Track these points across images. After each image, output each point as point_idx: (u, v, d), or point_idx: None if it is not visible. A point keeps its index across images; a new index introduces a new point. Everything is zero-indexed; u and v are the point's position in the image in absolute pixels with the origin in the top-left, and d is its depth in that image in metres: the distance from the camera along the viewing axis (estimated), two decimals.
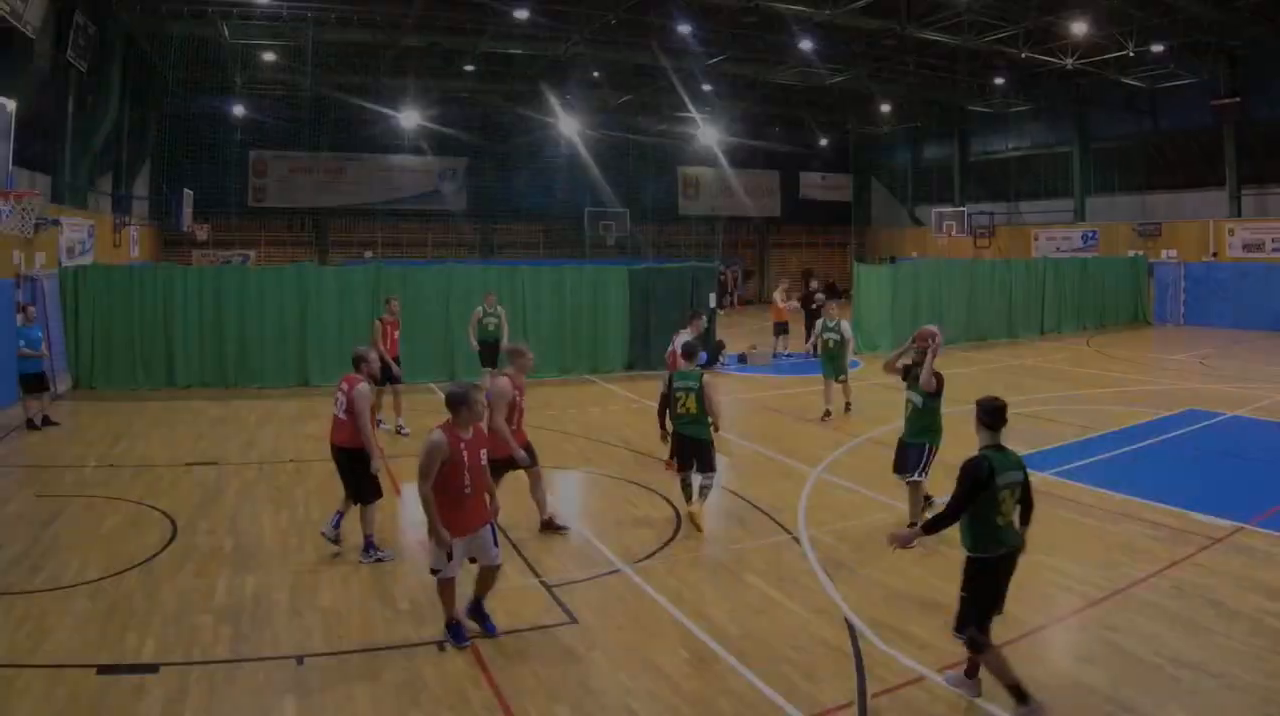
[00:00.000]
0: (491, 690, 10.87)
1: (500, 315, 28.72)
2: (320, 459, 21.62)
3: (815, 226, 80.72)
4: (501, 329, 28.47)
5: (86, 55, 39.23)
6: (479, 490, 11.98)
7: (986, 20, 44.61)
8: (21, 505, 18.17)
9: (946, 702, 10.53)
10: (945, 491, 12.01)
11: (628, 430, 25.04)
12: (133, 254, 48.38)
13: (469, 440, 11.85)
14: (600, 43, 49.50)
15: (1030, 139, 67.04)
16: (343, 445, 15.42)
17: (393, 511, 18.09)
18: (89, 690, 10.66)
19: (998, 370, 36.31)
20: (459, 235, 70.17)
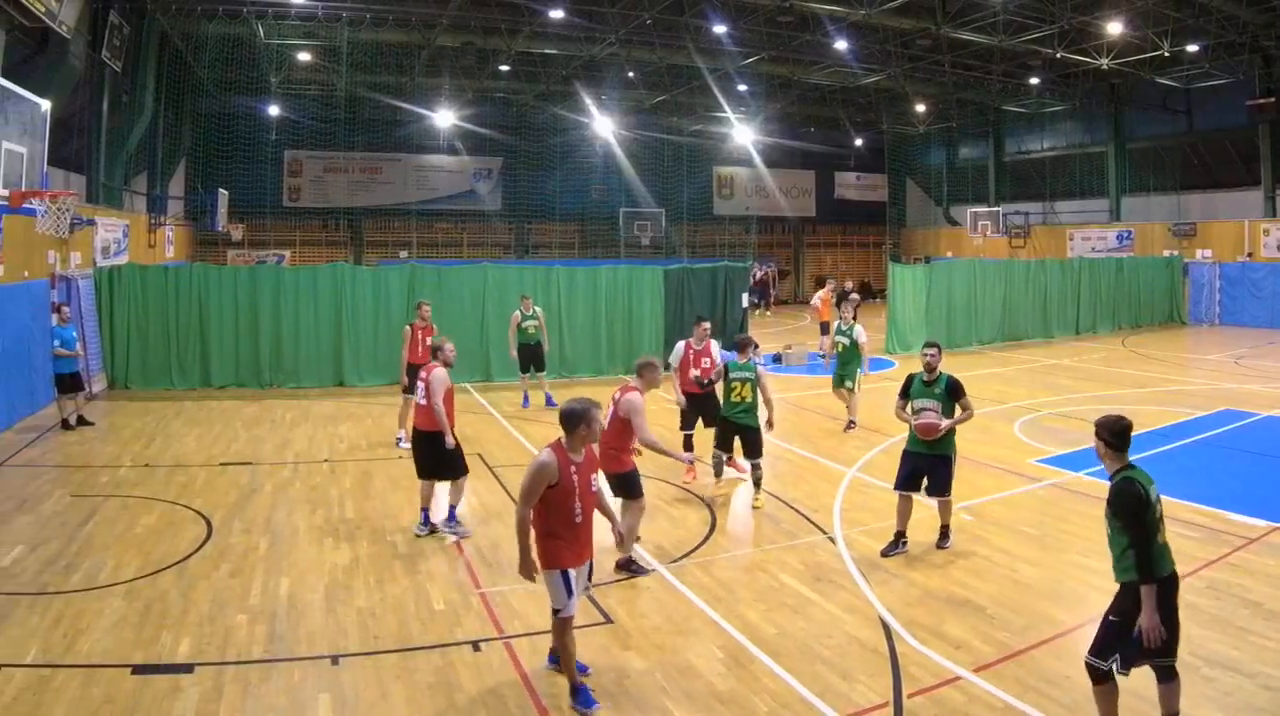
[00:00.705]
0: (526, 690, 10.87)
1: (539, 318, 28.72)
2: (355, 458, 21.73)
3: (850, 226, 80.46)
4: (541, 332, 28.60)
5: (121, 55, 39.37)
6: (589, 518, 11.00)
7: (1021, 20, 44.47)
8: (57, 505, 18.20)
9: (983, 703, 10.46)
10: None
11: (662, 429, 24.92)
12: (168, 254, 48.56)
13: (580, 464, 10.86)
14: (635, 43, 49.52)
15: (1065, 139, 66.79)
16: (422, 428, 16.53)
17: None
18: (124, 690, 10.66)
19: (1033, 370, 36.21)
20: (494, 235, 70.37)
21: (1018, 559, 14.93)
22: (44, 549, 15.40)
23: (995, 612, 12.91)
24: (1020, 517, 17.37)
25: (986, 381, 33.09)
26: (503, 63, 55.06)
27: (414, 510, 17.56)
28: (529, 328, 28.60)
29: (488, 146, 68.02)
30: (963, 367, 34.90)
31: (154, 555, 15.18)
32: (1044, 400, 29.42)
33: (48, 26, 29.81)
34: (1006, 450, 22.75)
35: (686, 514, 17.75)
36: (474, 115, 63.37)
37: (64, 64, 32.33)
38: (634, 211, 70.16)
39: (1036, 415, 27.01)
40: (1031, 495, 18.91)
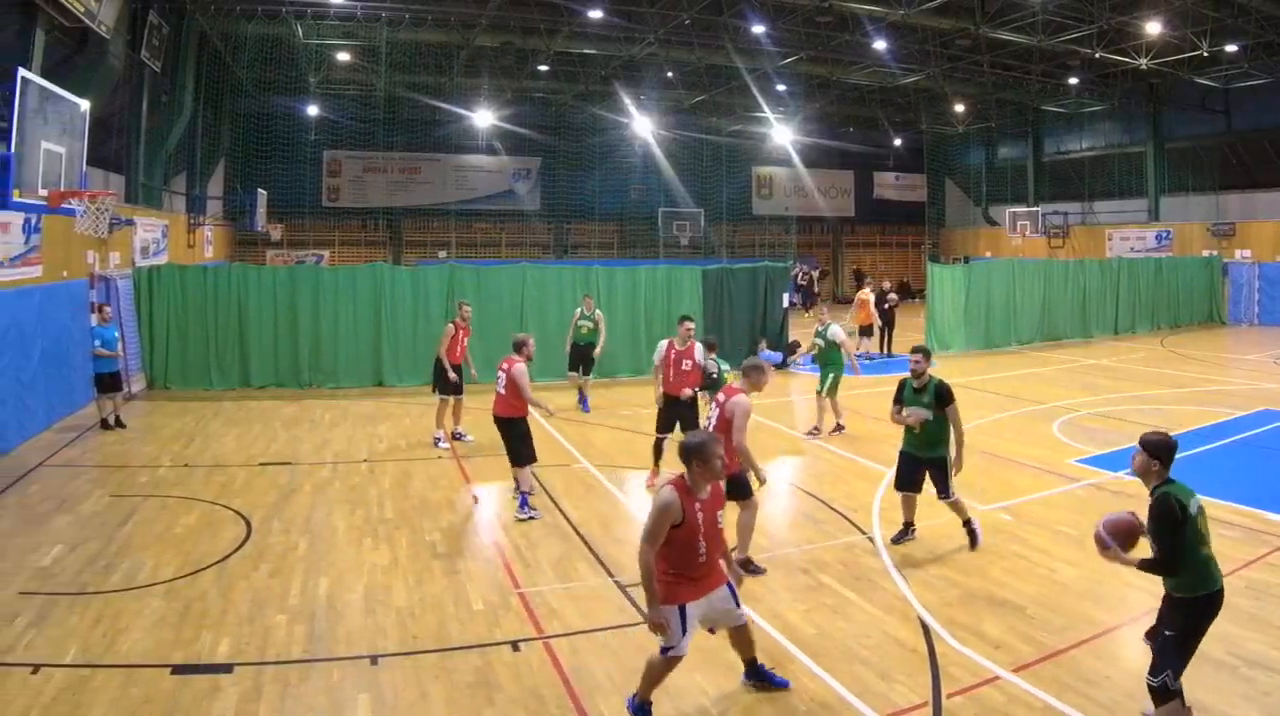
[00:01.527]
0: (565, 689, 10.85)
1: (597, 319, 28.60)
2: (394, 458, 21.78)
3: (889, 226, 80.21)
4: (598, 333, 28.46)
5: (160, 55, 39.51)
6: (714, 554, 10.35)
7: (1060, 20, 44.30)
8: (96, 505, 18.26)
9: (1022, 703, 10.40)
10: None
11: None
12: (207, 254, 48.73)
13: (705, 501, 10.12)
14: (674, 43, 49.45)
15: (1104, 139, 66.55)
16: (500, 415, 18.38)
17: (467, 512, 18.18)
18: (163, 690, 10.70)
19: (1072, 370, 36.08)
20: (533, 235, 70.52)
21: (1057, 559, 14.89)
22: (83, 549, 15.46)
23: (1034, 612, 12.86)
24: (1059, 517, 17.29)
25: (1025, 381, 33.06)
26: (542, 63, 55.14)
27: (452, 511, 18.13)
28: (583, 327, 28.54)
29: (526, 146, 68.08)
30: (1001, 367, 35.00)
31: (193, 555, 15.23)
32: (1083, 400, 29.31)
33: (87, 26, 29.88)
34: (1045, 450, 22.68)
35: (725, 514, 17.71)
36: (513, 115, 63.45)
37: (103, 64, 32.41)
38: (673, 211, 70.12)
39: (1075, 415, 26.90)
40: (1070, 495, 18.84)
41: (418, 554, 15.53)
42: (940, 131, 75.27)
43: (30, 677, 10.87)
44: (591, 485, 19.99)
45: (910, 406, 15.42)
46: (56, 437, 24.13)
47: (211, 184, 54.39)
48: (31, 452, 22.42)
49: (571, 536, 16.52)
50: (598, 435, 23.82)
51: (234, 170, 58.99)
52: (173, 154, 44.44)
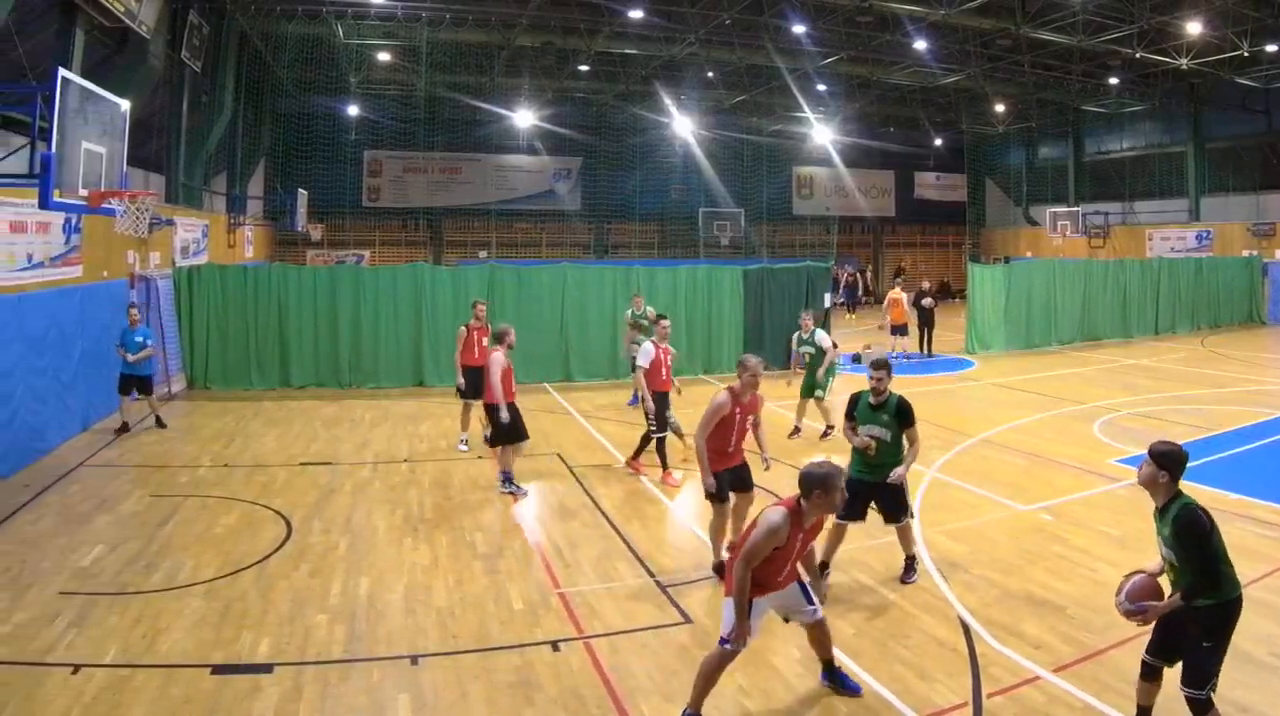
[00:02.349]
0: (606, 690, 10.84)
1: (650, 317, 28.15)
2: (434, 458, 21.81)
3: (929, 226, 79.83)
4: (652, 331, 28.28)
5: (201, 55, 39.69)
6: (794, 572, 10.49)
7: (1100, 20, 44.09)
8: (136, 505, 18.32)
9: (1062, 703, 10.38)
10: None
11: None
12: (247, 254, 48.87)
13: (808, 530, 10.22)
14: (714, 43, 49.37)
15: (1144, 139, 66.19)
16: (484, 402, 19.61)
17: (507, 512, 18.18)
18: (204, 690, 10.73)
19: (1112, 370, 35.91)
20: (573, 235, 70.42)
21: (1097, 559, 14.81)
22: (123, 549, 15.51)
23: (1075, 612, 12.81)
24: (1100, 517, 17.21)
25: (1066, 381, 32.93)
26: (582, 63, 55.22)
27: (494, 511, 18.12)
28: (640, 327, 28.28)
29: (567, 146, 68.06)
30: (1042, 368, 34.92)
31: (233, 555, 15.27)
32: (1123, 400, 29.17)
33: (127, 26, 29.99)
34: (1086, 450, 22.58)
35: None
36: (553, 115, 63.50)
37: (143, 64, 32.52)
38: (713, 211, 70.06)
39: (1116, 415, 26.76)
40: (1111, 495, 18.73)
41: (458, 553, 15.53)
42: (981, 131, 74.97)
43: (71, 677, 10.90)
44: (631, 485, 19.97)
45: (866, 424, 14.37)
46: (96, 438, 24.21)
47: (252, 184, 54.69)
48: (72, 452, 22.53)
49: (612, 536, 16.52)
50: (637, 435, 23.81)
51: (274, 170, 59.31)
52: (213, 154, 44.66)
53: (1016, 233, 76.33)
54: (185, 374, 31.46)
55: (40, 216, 22.14)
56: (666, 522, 17.37)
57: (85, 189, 17.66)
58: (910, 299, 40.04)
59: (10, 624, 12.39)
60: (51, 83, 16.24)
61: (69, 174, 16.93)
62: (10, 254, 21.22)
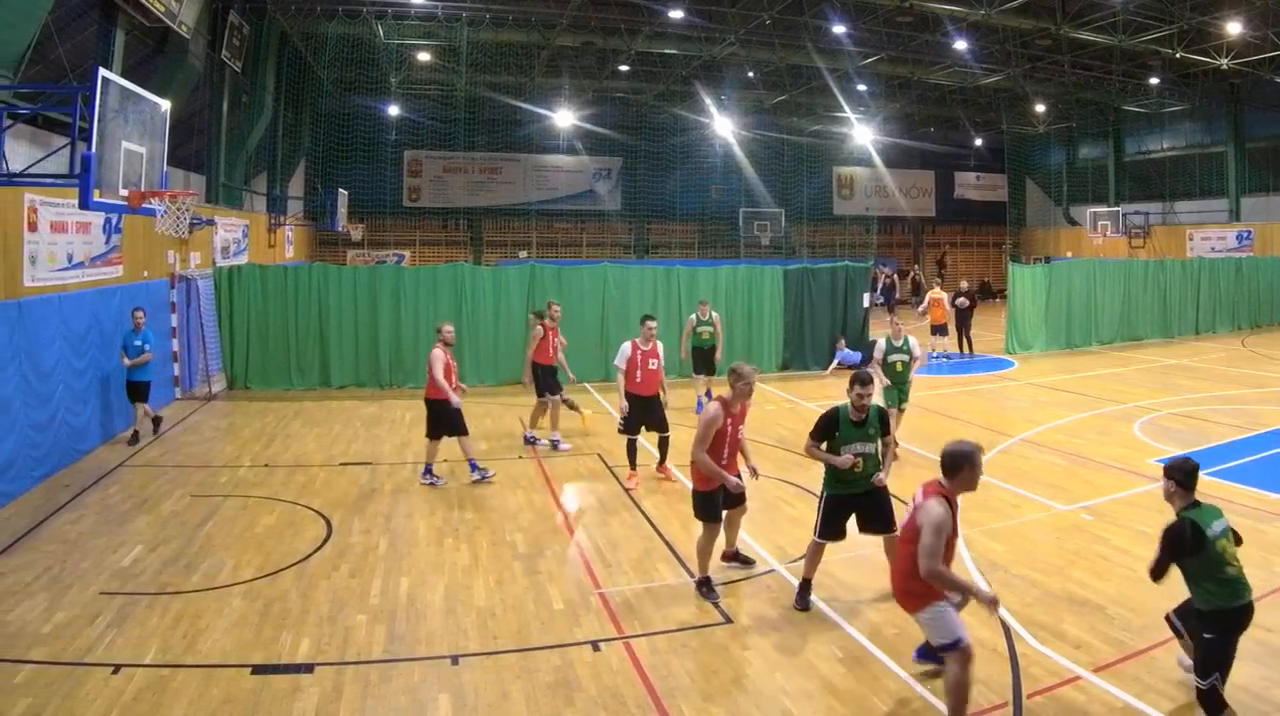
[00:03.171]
0: (646, 690, 10.85)
1: (715, 323, 28.53)
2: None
3: (970, 226, 79.44)
4: (716, 337, 28.40)
5: (241, 55, 39.87)
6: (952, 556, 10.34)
7: (1141, 20, 43.95)
8: (176, 504, 18.41)
9: (1102, 703, 10.36)
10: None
11: (781, 429, 24.91)
12: (287, 254, 49.04)
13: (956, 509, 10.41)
14: (755, 43, 49.39)
15: (1185, 139, 65.86)
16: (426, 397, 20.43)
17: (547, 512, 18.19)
18: (244, 690, 10.77)
19: (1152, 370, 35.71)
20: (613, 235, 70.74)
21: (1137, 558, 14.56)
22: (164, 549, 15.60)
23: (1115, 612, 12.78)
24: (1140, 517, 17.10)
25: (1106, 381, 32.77)
26: (622, 63, 55.34)
27: (534, 511, 18.10)
28: (703, 333, 28.47)
29: (607, 146, 68.26)
30: (1082, 368, 34.83)
31: (274, 555, 15.34)
32: (1163, 400, 29.02)
33: (167, 27, 30.14)
34: (1126, 450, 22.48)
35: (806, 513, 17.53)
36: (593, 115, 63.64)
37: (184, 64, 32.66)
38: (753, 211, 70.14)
39: (1156, 415, 26.63)
40: (1151, 495, 18.50)
41: (498, 554, 15.55)
42: (1021, 131, 74.66)
43: (111, 677, 10.96)
44: (671, 485, 19.96)
45: (851, 442, 13.19)
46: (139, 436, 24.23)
47: (292, 184, 54.90)
48: (112, 453, 22.63)
49: (652, 536, 16.53)
50: (676, 435, 23.77)
51: (314, 170, 59.40)
52: (253, 154, 44.79)
53: (1057, 232, 76.00)
54: (225, 374, 31.59)
55: (81, 216, 22.22)
56: None
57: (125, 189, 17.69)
58: (949, 298, 39.90)
59: (51, 624, 12.47)
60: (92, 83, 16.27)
61: (109, 174, 16.96)
62: (51, 254, 21.31)
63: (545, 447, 23.41)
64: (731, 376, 14.06)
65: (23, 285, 19.84)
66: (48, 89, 23.88)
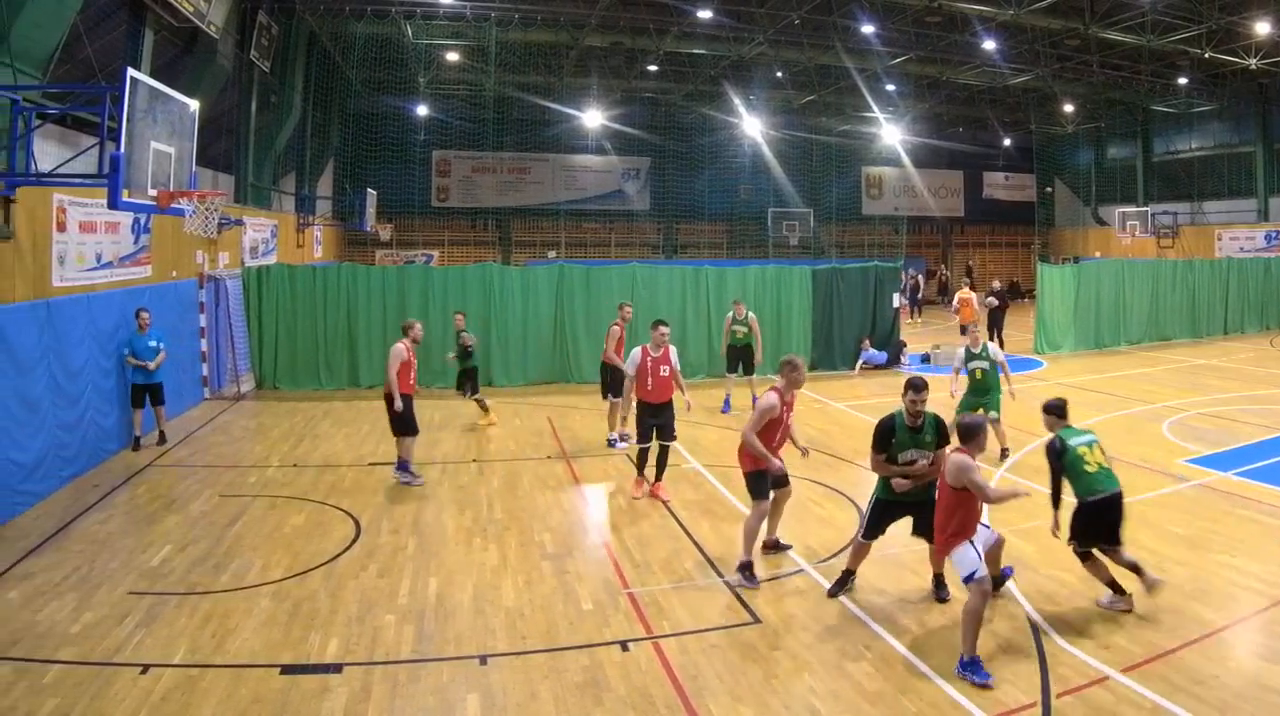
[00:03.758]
0: (675, 690, 10.86)
1: (750, 323, 28.44)
2: (502, 458, 21.82)
3: (998, 226, 79.30)
4: (753, 336, 28.30)
5: (270, 55, 39.93)
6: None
7: (1169, 20, 43.81)
8: (205, 505, 18.48)
9: (1131, 703, 10.34)
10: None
11: (811, 429, 24.80)
12: (316, 253, 49.14)
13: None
14: (783, 43, 49.35)
15: (1213, 139, 65.56)
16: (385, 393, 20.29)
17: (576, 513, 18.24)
18: (272, 690, 10.81)
19: (1181, 370, 35.58)
20: (642, 235, 70.81)
21: (1166, 558, 14.73)
22: (192, 549, 15.66)
23: (1143, 612, 12.75)
24: (1168, 517, 17.16)
25: (1135, 381, 32.67)
26: (651, 63, 55.27)
27: (562, 511, 18.24)
28: (738, 332, 28.45)
29: (636, 146, 68.32)
30: (1111, 368, 34.72)
31: (302, 555, 15.38)
32: (1192, 400, 28.93)
33: (196, 26, 30.20)
34: (1155, 450, 22.42)
35: (834, 513, 17.66)
36: (622, 115, 63.65)
37: (212, 64, 32.75)
38: (782, 211, 70.12)
39: (1184, 415, 26.56)
40: (1179, 495, 18.64)
41: (527, 554, 15.57)
42: (1049, 131, 74.49)
43: (140, 677, 11.01)
44: (700, 485, 19.98)
45: (907, 449, 13.36)
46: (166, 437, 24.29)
47: (321, 184, 55.11)
48: (140, 452, 22.67)
49: (680, 536, 16.54)
50: (705, 435, 23.77)
51: (343, 170, 59.68)
52: (282, 154, 44.91)
53: (1085, 232, 75.78)
54: (254, 374, 31.65)
55: (109, 216, 22.28)
56: (735, 523, 17.17)
57: (154, 189, 17.72)
58: (980, 299, 39.85)
59: (79, 624, 12.52)
60: (121, 83, 16.29)
61: (138, 174, 16.99)
62: (80, 254, 21.37)
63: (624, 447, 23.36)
64: (788, 368, 14.91)
65: (51, 285, 19.90)
66: (76, 89, 23.93)
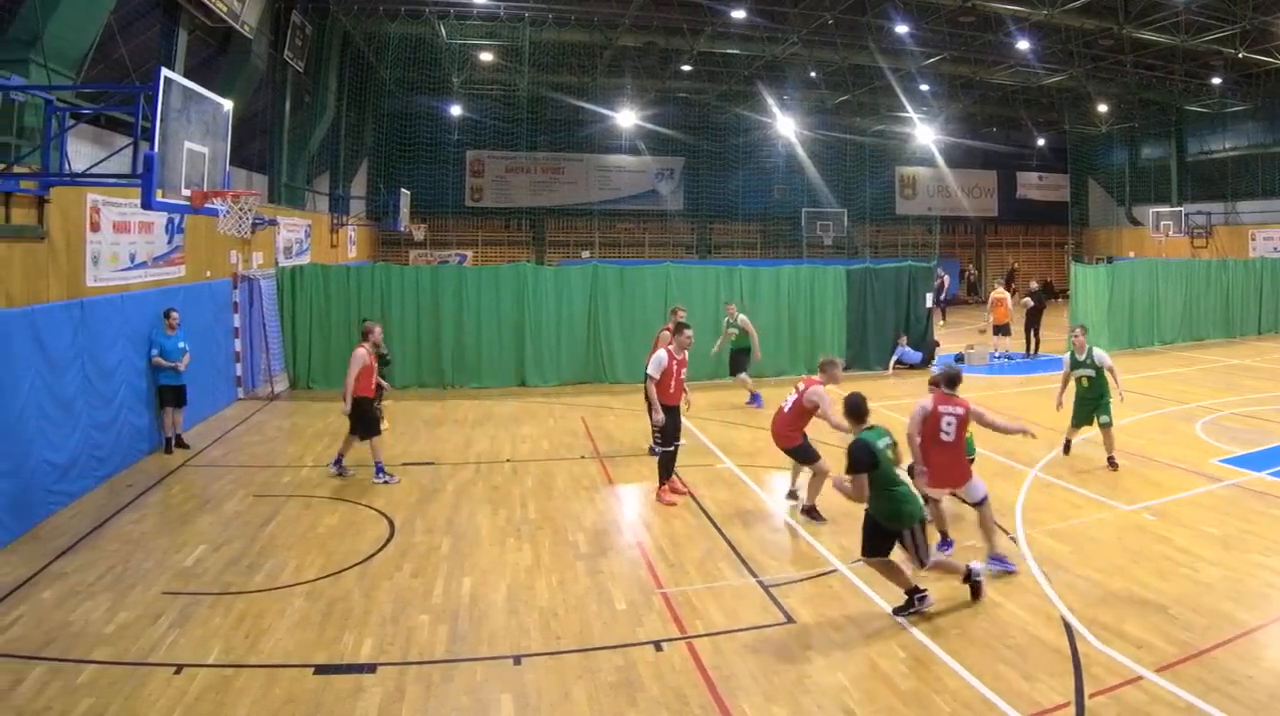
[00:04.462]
0: (708, 690, 10.87)
1: (741, 324, 28.92)
2: (536, 458, 21.87)
3: (1032, 226, 79.07)
4: (748, 337, 28.77)
5: (303, 55, 40.05)
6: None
7: (1203, 20, 43.64)
8: (239, 505, 18.58)
9: (1165, 703, 10.33)
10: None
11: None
12: (350, 254, 49.27)
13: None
14: (817, 43, 49.26)
15: (1247, 139, 65.19)
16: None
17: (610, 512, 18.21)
18: (306, 690, 10.86)
19: (1215, 370, 35.49)
20: (675, 235, 70.78)
21: (1200, 559, 14.75)
22: (226, 549, 15.74)
23: (1177, 612, 12.75)
24: (1202, 517, 17.09)
25: (1168, 381, 32.57)
26: (685, 63, 55.24)
27: (596, 511, 18.26)
28: (731, 334, 29.07)
29: (670, 146, 68.29)
30: (1144, 367, 34.68)
31: (336, 555, 15.45)
32: (1226, 400, 28.84)
33: (230, 26, 30.33)
34: (1188, 450, 22.40)
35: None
36: (656, 115, 63.61)
37: (246, 64, 32.87)
38: (816, 211, 69.89)
39: (1218, 415, 26.52)
40: (1213, 495, 18.59)
41: (561, 554, 15.61)
42: (1083, 131, 74.20)
43: (174, 677, 11.08)
44: (734, 484, 20.01)
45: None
46: (198, 437, 24.44)
47: (354, 184, 55.26)
48: (174, 453, 22.73)
49: (715, 536, 16.55)
50: (740, 435, 23.79)
51: (377, 170, 59.85)
52: (315, 154, 45.08)
53: (1119, 232, 75.48)
54: (288, 374, 31.77)
55: (143, 216, 22.35)
56: (769, 523, 17.35)
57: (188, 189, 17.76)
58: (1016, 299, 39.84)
59: (114, 624, 12.61)
60: (154, 83, 16.32)
61: (172, 174, 17.02)
62: (114, 254, 21.44)
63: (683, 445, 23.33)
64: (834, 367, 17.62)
65: (85, 285, 19.97)
66: (110, 89, 24.05)
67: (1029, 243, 78.74)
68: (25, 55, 19.32)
